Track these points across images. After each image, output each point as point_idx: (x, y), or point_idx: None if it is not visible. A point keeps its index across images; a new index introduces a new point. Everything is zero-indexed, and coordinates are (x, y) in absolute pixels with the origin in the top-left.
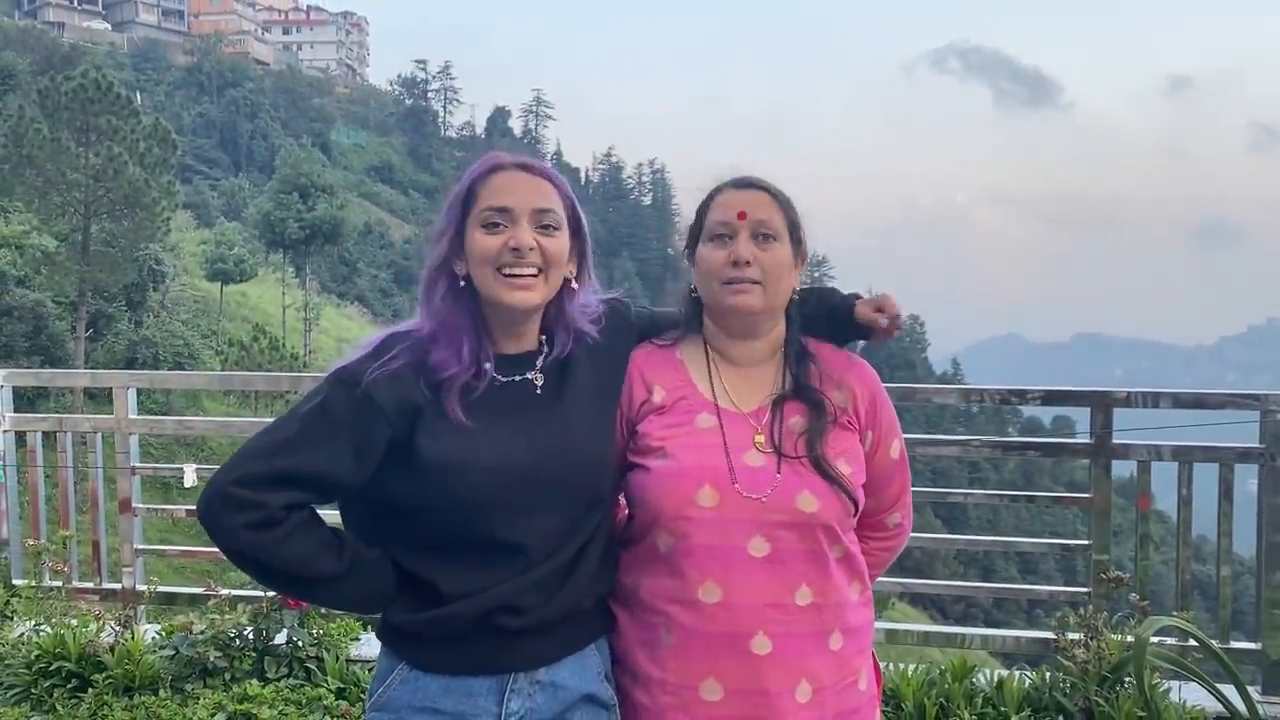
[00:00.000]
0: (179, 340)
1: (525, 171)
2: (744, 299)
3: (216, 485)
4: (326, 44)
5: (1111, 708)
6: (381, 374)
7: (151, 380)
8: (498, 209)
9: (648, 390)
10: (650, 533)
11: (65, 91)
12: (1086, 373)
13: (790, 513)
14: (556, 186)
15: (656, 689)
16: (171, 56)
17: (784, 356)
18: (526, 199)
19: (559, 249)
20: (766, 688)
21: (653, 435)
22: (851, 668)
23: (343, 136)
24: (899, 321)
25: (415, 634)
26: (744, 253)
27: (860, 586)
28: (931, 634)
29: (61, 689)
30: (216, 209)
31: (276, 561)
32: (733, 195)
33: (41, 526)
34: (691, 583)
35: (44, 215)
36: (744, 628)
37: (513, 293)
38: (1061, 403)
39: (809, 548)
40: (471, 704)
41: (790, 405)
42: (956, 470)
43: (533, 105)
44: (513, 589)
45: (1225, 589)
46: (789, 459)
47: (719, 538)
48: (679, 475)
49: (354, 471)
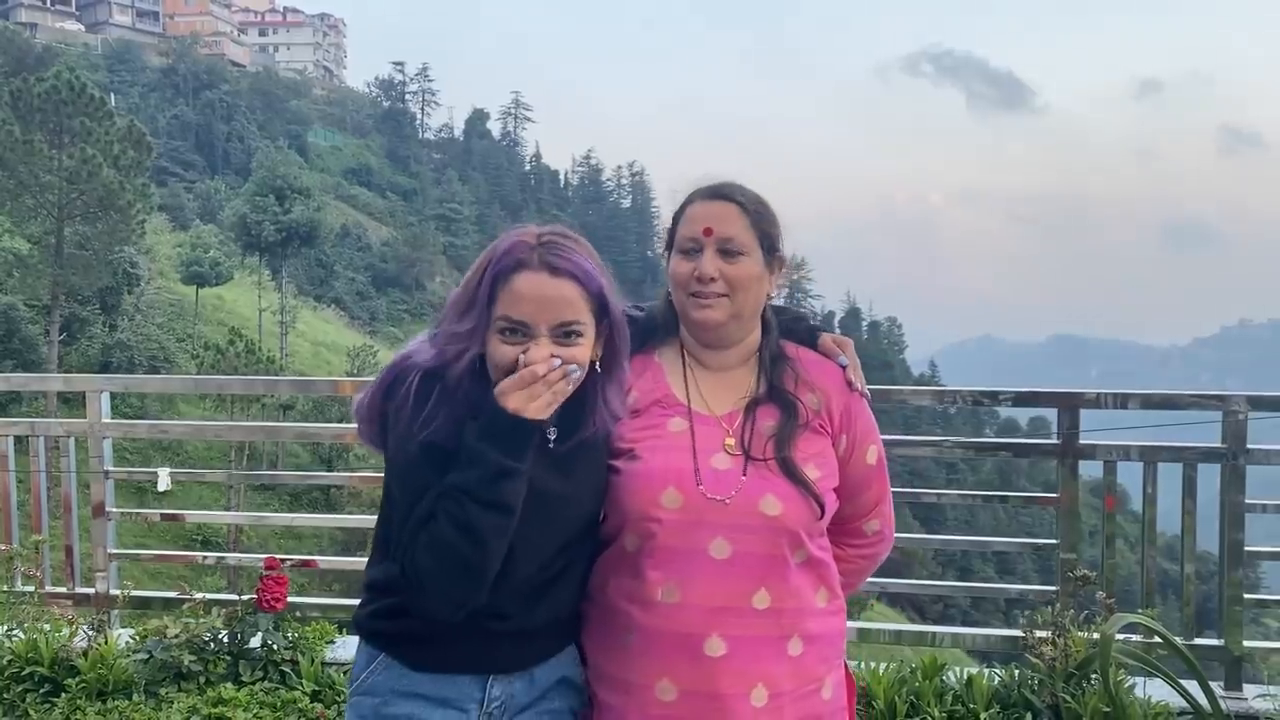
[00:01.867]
0: (154, 344)
1: (550, 274)
2: (708, 313)
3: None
4: (303, 45)
5: (1078, 704)
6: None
7: (125, 385)
8: (516, 321)
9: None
10: (619, 534)
11: (38, 93)
12: (1063, 373)
13: (753, 515)
14: (584, 286)
15: (619, 688)
16: (146, 58)
17: (759, 361)
18: (546, 313)
19: (579, 355)
20: (720, 690)
21: (625, 438)
22: (813, 675)
23: (320, 138)
24: (853, 375)
25: (398, 635)
26: (708, 269)
27: (828, 594)
28: (903, 633)
29: (34, 694)
30: (192, 211)
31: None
32: (701, 209)
33: (14, 531)
34: (651, 584)
35: (16, 218)
36: (698, 629)
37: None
38: (1031, 404)
39: (770, 551)
40: (455, 690)
41: (763, 409)
42: (934, 471)
43: (511, 107)
44: (505, 595)
45: (1189, 586)
46: (756, 461)
47: (681, 539)
48: (645, 477)
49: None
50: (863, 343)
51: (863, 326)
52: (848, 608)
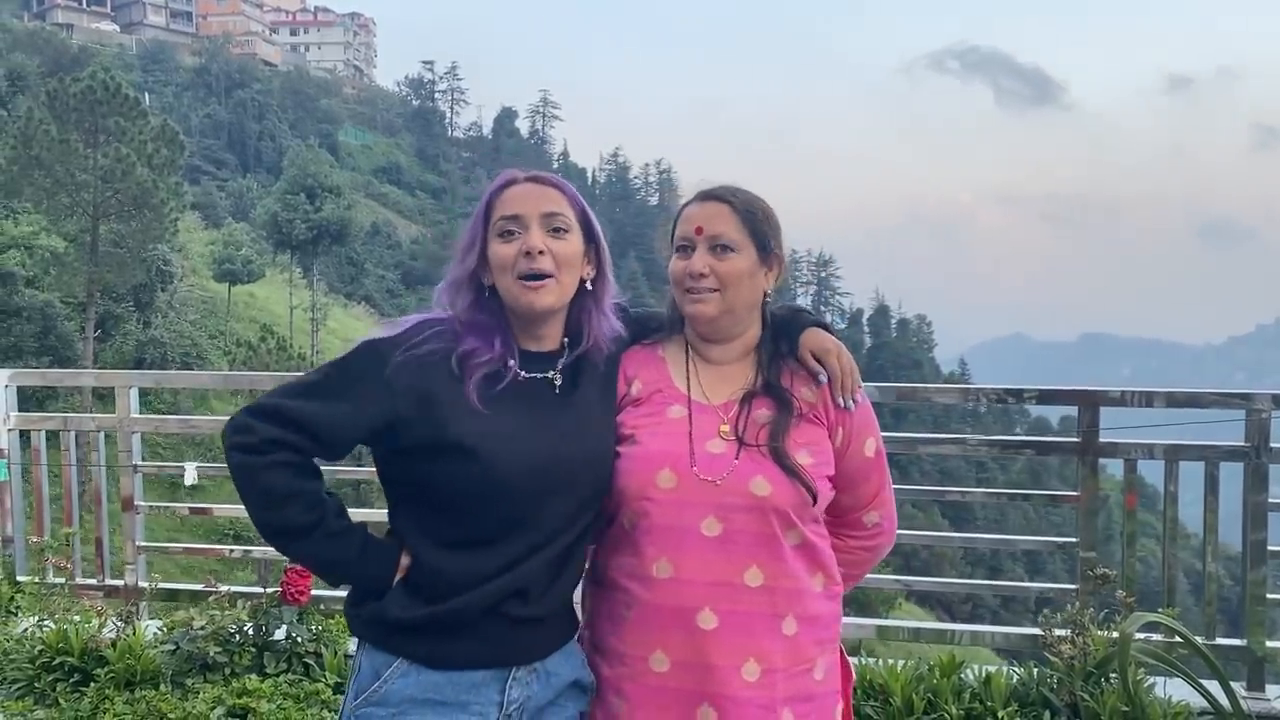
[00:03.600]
0: (187, 341)
1: (535, 183)
2: (700, 308)
3: (238, 411)
4: (334, 45)
5: (1096, 703)
6: (410, 356)
7: (155, 380)
8: (510, 217)
9: (627, 384)
10: (618, 514)
11: (74, 93)
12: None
13: (743, 495)
14: (564, 193)
15: (615, 660)
16: (179, 58)
17: (757, 355)
18: (535, 205)
19: (569, 250)
20: (712, 662)
21: (626, 424)
22: (806, 655)
23: (350, 137)
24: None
25: (419, 628)
26: (697, 265)
27: (825, 579)
28: (923, 630)
29: (64, 684)
30: (224, 210)
31: (251, 490)
32: (693, 210)
33: (45, 524)
34: (647, 559)
35: (53, 216)
36: (690, 602)
37: (530, 295)
38: (1054, 401)
39: (761, 530)
40: (475, 694)
41: (759, 401)
42: (964, 470)
43: (540, 106)
44: (524, 573)
45: (1211, 585)
46: (749, 447)
47: (674, 517)
48: (643, 459)
49: (344, 431)
50: (892, 340)
51: (892, 324)
52: (876, 607)
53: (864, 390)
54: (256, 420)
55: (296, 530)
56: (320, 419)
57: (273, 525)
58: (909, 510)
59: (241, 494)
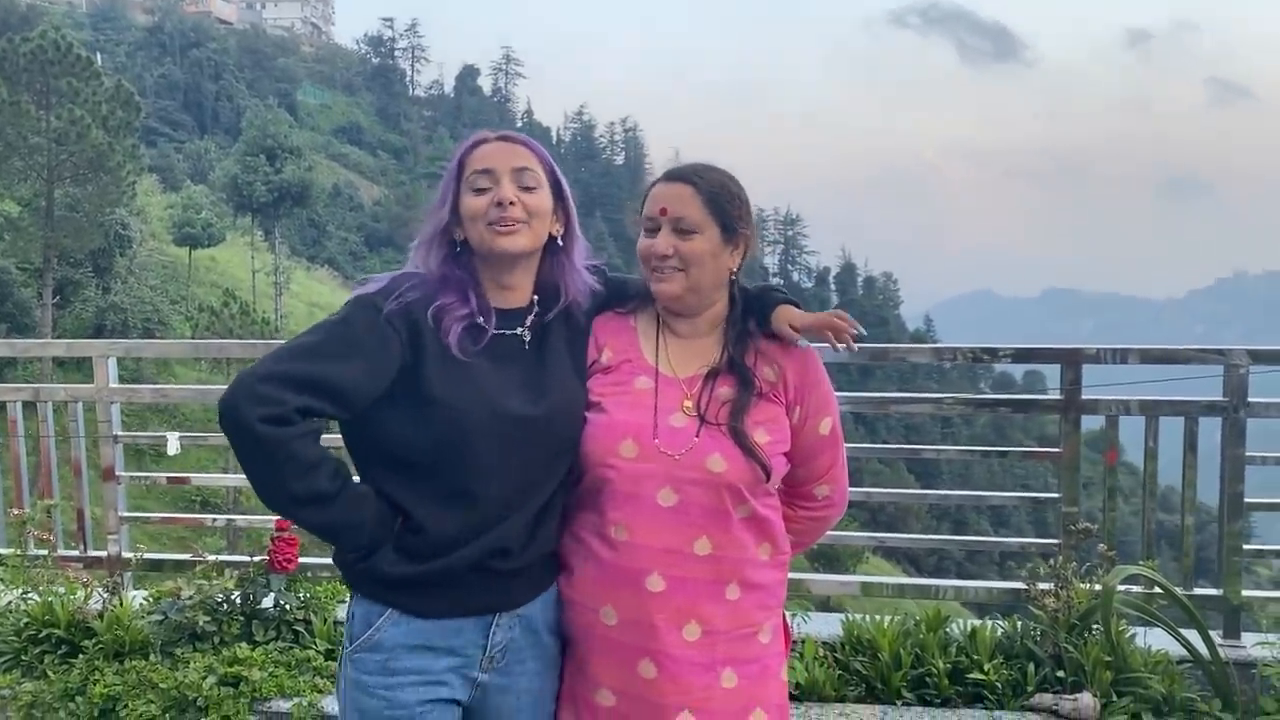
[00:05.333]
0: (148, 306)
1: (506, 141)
2: (664, 286)
3: (242, 382)
4: (291, 2)
5: (1080, 653)
6: (399, 304)
7: (128, 350)
8: (482, 171)
9: (598, 351)
10: (584, 475)
11: (23, 53)
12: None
13: (699, 470)
14: (534, 151)
15: (572, 609)
16: (132, 16)
17: (724, 332)
18: (506, 160)
19: (539, 202)
20: (655, 622)
21: (594, 391)
22: (750, 620)
23: (309, 97)
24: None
25: (409, 583)
26: (660, 246)
27: (771, 549)
28: (906, 586)
29: (52, 655)
30: (182, 172)
31: (284, 461)
32: (660, 190)
33: (25, 496)
34: (607, 521)
35: (5, 180)
36: (641, 565)
37: (501, 239)
38: (1032, 360)
39: (713, 504)
40: (460, 638)
41: (722, 378)
42: (930, 426)
43: (502, 63)
44: (505, 532)
45: (1189, 538)
46: (709, 425)
47: (633, 485)
48: (608, 428)
49: (366, 387)
50: (859, 298)
51: (858, 282)
52: (844, 560)
53: (823, 372)
54: (282, 390)
55: (324, 497)
56: (345, 380)
57: (300, 495)
58: (876, 466)
59: (260, 466)
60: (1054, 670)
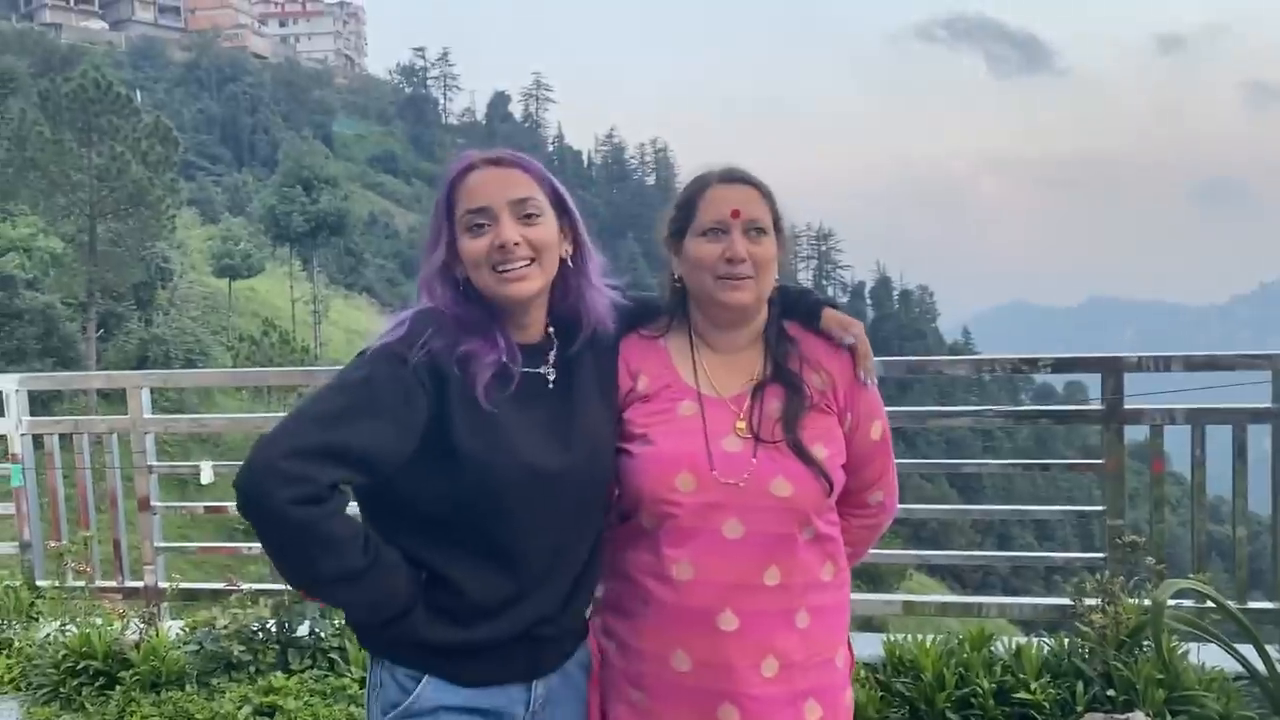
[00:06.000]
0: (190, 337)
1: (496, 166)
2: (739, 295)
3: (264, 459)
4: (324, 35)
5: (1130, 671)
6: (424, 354)
7: (164, 380)
8: (476, 210)
9: (633, 379)
10: (635, 513)
11: (65, 93)
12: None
13: (764, 497)
14: (530, 173)
15: (633, 656)
16: (169, 53)
17: (764, 342)
18: (501, 192)
19: (545, 235)
20: (732, 662)
21: (636, 422)
22: (823, 646)
23: (344, 127)
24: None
25: (453, 649)
26: (741, 250)
27: (833, 568)
28: (949, 604)
29: (89, 687)
30: (221, 205)
31: (315, 542)
32: (725, 191)
33: (62, 528)
34: (667, 560)
35: (50, 217)
36: (712, 605)
37: (510, 285)
38: (1072, 370)
39: (780, 530)
40: (505, 698)
41: (770, 390)
42: (970, 440)
43: (532, 89)
44: (547, 596)
45: (1241, 549)
46: (765, 444)
47: (696, 520)
48: (658, 461)
49: (397, 450)
50: (895, 312)
51: (894, 296)
52: (887, 579)
53: (874, 370)
54: (310, 464)
55: (355, 574)
56: (375, 446)
57: (329, 575)
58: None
59: (290, 550)
60: (1104, 689)
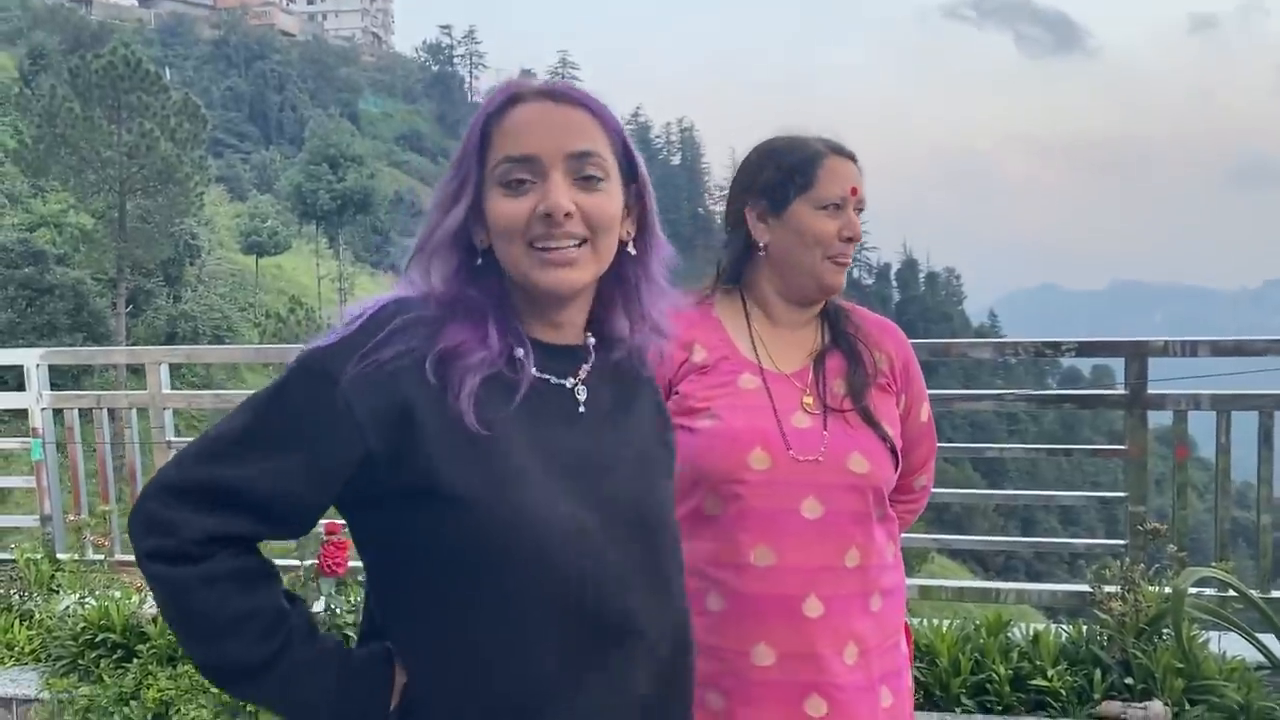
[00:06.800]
0: (217, 314)
1: (553, 100)
2: (840, 277)
3: (142, 494)
4: (351, 12)
5: (1149, 659)
6: (367, 368)
7: (186, 355)
8: (520, 159)
9: (686, 349)
10: (693, 496)
11: (95, 69)
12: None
13: (843, 473)
14: (599, 117)
15: (708, 655)
16: (198, 31)
17: (823, 316)
18: (557, 141)
19: (607, 209)
20: (818, 651)
21: (696, 396)
22: (892, 628)
23: (371, 105)
24: None
25: None
26: (858, 230)
27: (894, 548)
28: (966, 589)
29: (107, 660)
30: (249, 182)
31: (183, 614)
32: (844, 166)
33: (83, 501)
34: (743, 546)
35: (80, 193)
36: (796, 590)
37: (551, 271)
38: (1096, 354)
39: (858, 509)
40: None
41: (831, 360)
42: (995, 423)
43: (559, 67)
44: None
45: (1265, 537)
46: (835, 413)
47: (771, 500)
48: (729, 438)
49: (303, 498)
50: (921, 294)
51: (920, 278)
52: (909, 561)
53: (914, 353)
54: (177, 509)
55: (249, 669)
56: (268, 488)
57: (213, 665)
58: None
59: (167, 619)
60: (1121, 677)
